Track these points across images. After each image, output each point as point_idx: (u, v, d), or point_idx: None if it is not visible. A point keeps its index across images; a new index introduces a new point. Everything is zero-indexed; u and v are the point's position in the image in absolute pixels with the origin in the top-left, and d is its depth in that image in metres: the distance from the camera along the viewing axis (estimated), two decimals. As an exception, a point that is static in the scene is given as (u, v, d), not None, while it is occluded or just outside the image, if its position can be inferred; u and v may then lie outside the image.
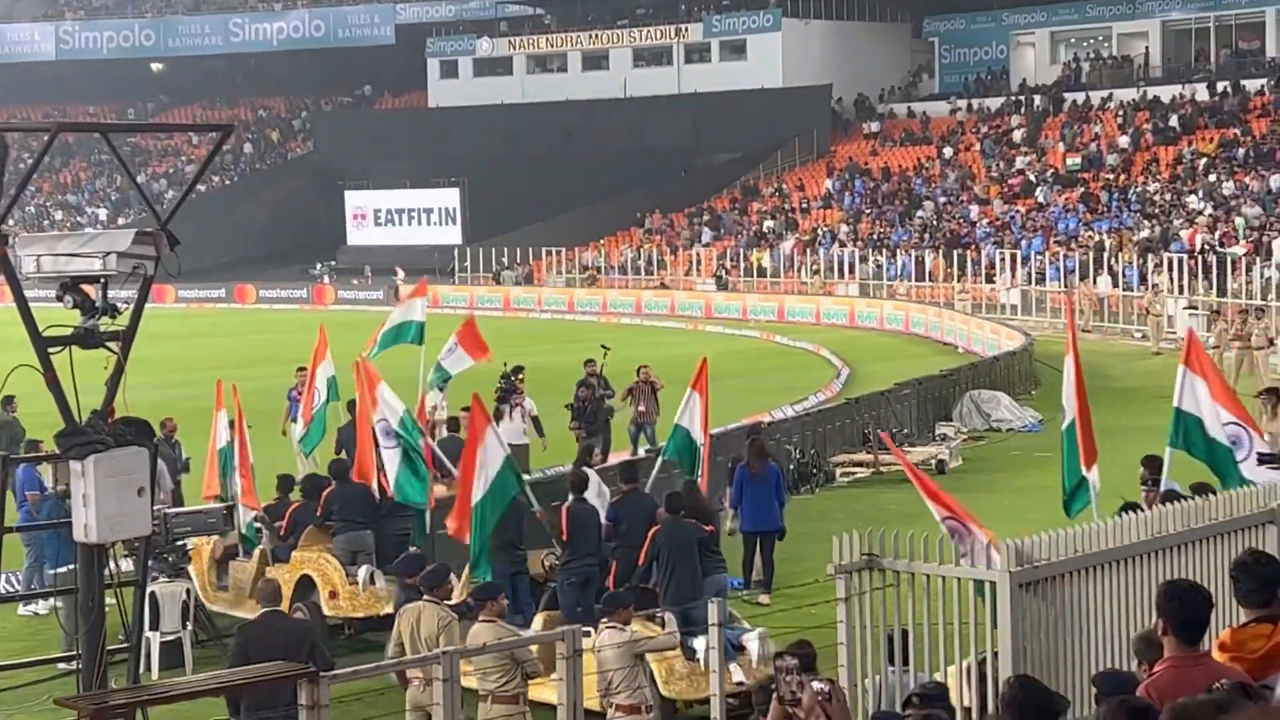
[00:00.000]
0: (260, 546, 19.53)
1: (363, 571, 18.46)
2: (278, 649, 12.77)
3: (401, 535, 19.11)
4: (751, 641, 15.07)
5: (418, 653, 13.24)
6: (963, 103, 79.61)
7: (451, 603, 14.63)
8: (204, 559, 19.87)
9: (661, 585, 15.94)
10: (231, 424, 20.86)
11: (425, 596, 14.23)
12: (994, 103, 78.17)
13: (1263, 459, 15.98)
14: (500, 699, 12.88)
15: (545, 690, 13.96)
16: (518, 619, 15.97)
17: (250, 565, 19.47)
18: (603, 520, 17.33)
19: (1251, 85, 69.58)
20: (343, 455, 21.64)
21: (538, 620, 16.24)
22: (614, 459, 25.01)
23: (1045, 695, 7.57)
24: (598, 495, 17.87)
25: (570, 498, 17.34)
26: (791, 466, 27.68)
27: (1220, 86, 70.18)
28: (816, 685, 6.71)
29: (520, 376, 27.70)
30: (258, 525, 19.39)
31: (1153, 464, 16.74)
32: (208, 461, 21.64)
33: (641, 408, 28.70)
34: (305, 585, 18.61)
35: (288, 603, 17.37)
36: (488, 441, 16.59)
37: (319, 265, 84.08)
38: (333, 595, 18.44)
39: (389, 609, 16.95)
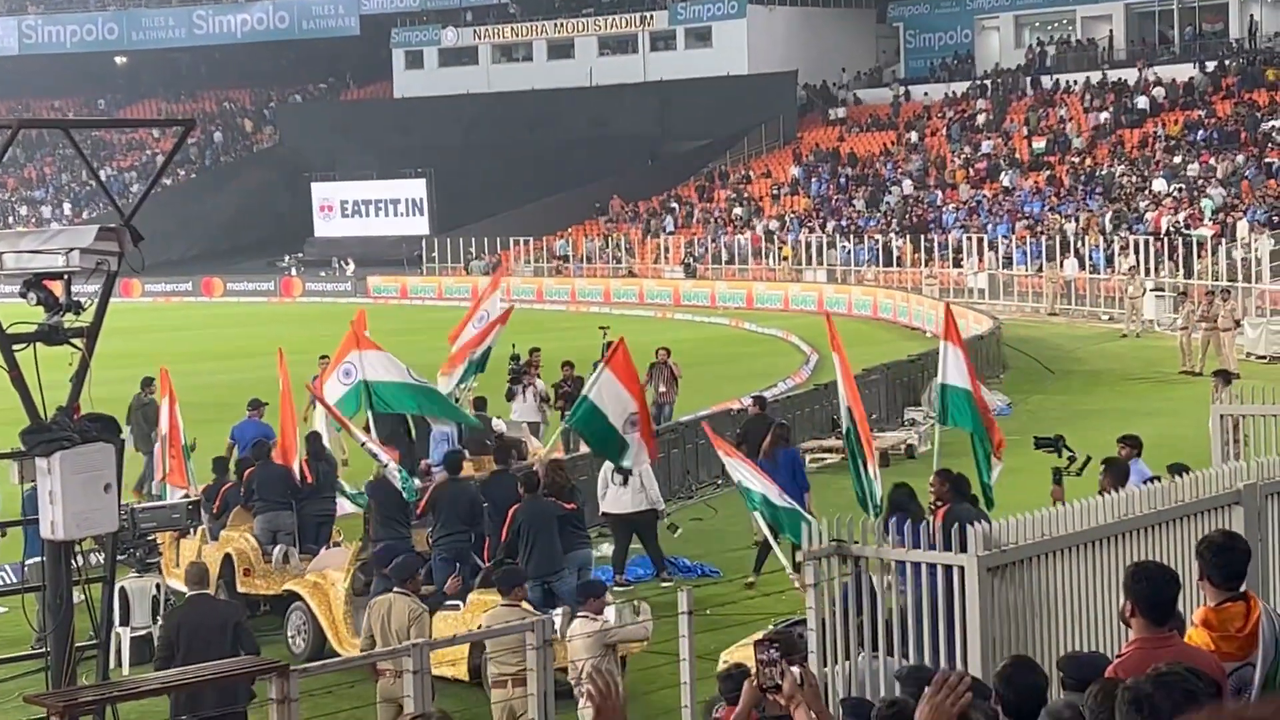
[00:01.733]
0: (201, 526, 19.99)
1: (277, 550, 19.07)
2: (203, 631, 12.95)
3: (322, 516, 19.61)
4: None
5: (388, 645, 13.28)
6: (928, 88, 79.72)
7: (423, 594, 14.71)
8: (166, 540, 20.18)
9: (523, 561, 16.48)
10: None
11: (395, 589, 14.30)
12: (959, 87, 78.29)
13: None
14: (519, 682, 12.92)
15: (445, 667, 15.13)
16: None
17: (194, 544, 19.92)
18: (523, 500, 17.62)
19: (1215, 67, 69.78)
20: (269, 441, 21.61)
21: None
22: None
23: (1037, 675, 7.63)
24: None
25: (445, 476, 18.27)
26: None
27: (1184, 68, 70.39)
28: (793, 671, 6.70)
29: (535, 358, 28.80)
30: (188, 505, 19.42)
31: (1129, 441, 16.94)
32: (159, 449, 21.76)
33: (661, 388, 29.65)
34: (230, 563, 19.22)
35: (215, 580, 17.80)
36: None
37: (286, 258, 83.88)
38: (247, 573, 19.08)
39: (293, 585, 17.85)
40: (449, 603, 16.40)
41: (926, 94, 79.12)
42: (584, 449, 22.98)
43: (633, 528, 20.30)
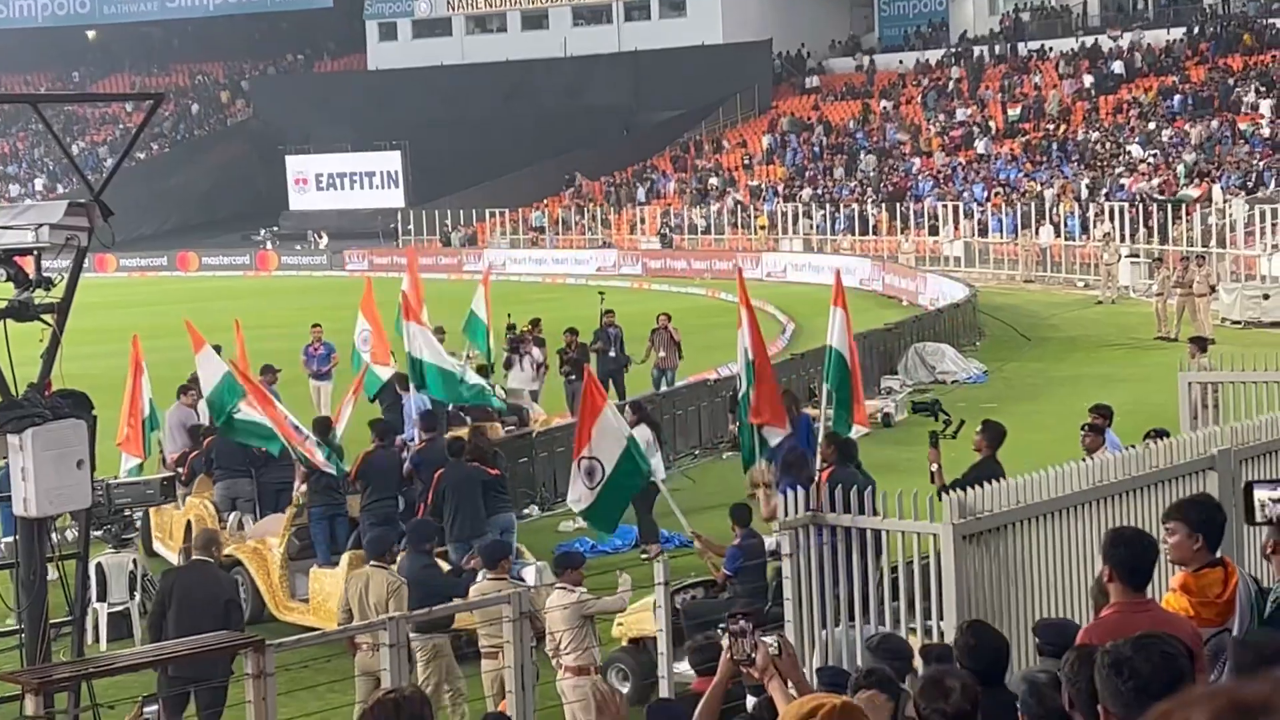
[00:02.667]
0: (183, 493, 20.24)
1: (232, 517, 19.47)
2: (197, 597, 13.04)
3: (280, 484, 19.61)
4: (529, 574, 16.34)
5: (366, 618, 13.31)
6: (903, 56, 79.67)
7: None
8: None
9: (447, 524, 17.15)
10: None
11: (372, 562, 14.33)
12: (934, 55, 78.22)
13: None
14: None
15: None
16: (334, 560, 17.59)
17: (172, 512, 20.30)
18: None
19: (1190, 33, 69.83)
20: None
21: (344, 558, 17.18)
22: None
23: (998, 640, 7.65)
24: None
25: (374, 445, 18.57)
26: (737, 424, 27.74)
27: (1158, 34, 70.43)
28: (769, 641, 6.69)
29: (537, 328, 29.55)
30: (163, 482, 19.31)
31: (1101, 411, 16.97)
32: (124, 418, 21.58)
33: (662, 353, 30.33)
34: (189, 529, 19.42)
35: (180, 545, 18.67)
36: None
37: (261, 231, 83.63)
38: None
39: (233, 550, 18.27)
40: (328, 561, 17.57)
41: (901, 62, 79.05)
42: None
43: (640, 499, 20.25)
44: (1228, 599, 7.57)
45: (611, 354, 30.07)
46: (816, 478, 14.22)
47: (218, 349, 20.88)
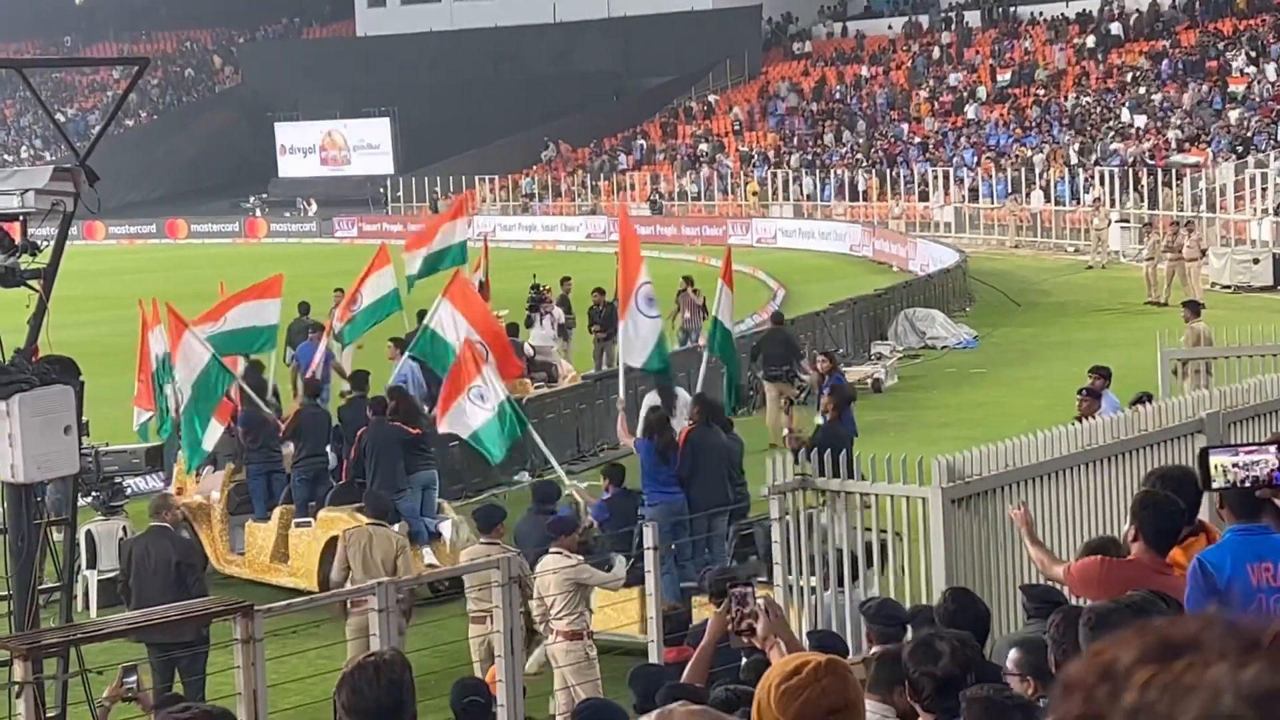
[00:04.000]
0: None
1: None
2: (150, 563, 13.17)
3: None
4: (446, 528, 17.46)
5: (370, 576, 13.50)
6: (892, 20, 79.49)
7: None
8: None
9: (369, 480, 17.66)
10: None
11: (369, 521, 14.71)
12: (924, 20, 78.05)
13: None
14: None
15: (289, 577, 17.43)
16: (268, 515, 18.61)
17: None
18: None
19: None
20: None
21: (275, 513, 18.45)
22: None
23: (978, 607, 7.65)
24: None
25: (304, 401, 19.71)
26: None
27: (1148, -1, 70.34)
28: (756, 601, 6.67)
29: (565, 286, 31.12)
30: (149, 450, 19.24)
31: (1101, 372, 17.04)
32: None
33: (687, 315, 31.43)
34: None
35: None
36: None
37: (250, 199, 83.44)
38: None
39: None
40: (300, 520, 18.28)
41: (890, 27, 78.88)
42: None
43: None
44: None
45: None
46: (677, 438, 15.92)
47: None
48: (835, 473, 11.30)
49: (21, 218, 9.85)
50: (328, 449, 19.22)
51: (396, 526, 16.10)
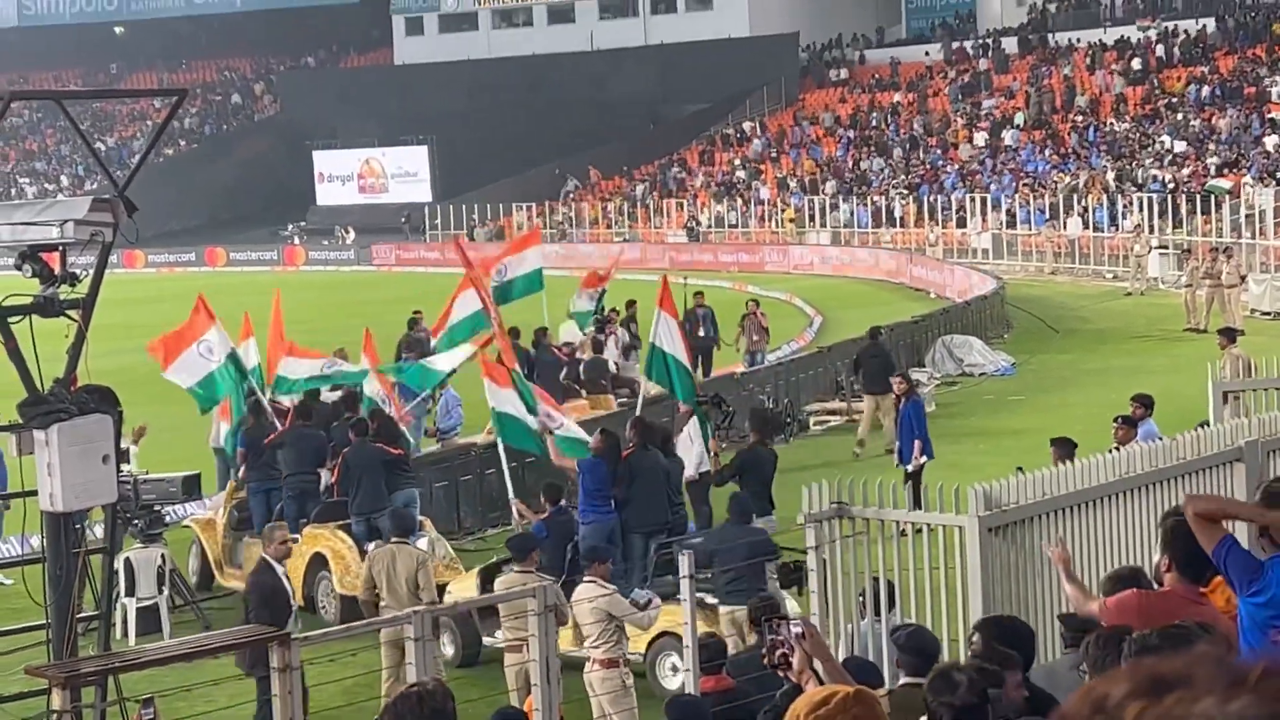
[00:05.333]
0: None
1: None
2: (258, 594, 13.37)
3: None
4: (423, 544, 17.53)
5: (395, 594, 14.13)
6: (930, 47, 79.47)
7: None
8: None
9: (350, 498, 18.47)
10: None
11: (394, 539, 15.00)
12: (962, 46, 77.99)
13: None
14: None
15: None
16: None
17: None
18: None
19: (1218, 23, 69.52)
20: None
21: (268, 529, 18.09)
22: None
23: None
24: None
25: (297, 423, 19.91)
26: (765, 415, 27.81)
27: (1187, 24, 70.14)
28: (793, 623, 6.65)
29: (632, 310, 31.96)
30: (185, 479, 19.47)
31: (1142, 401, 16.99)
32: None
33: (754, 337, 32.82)
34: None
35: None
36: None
37: (289, 226, 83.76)
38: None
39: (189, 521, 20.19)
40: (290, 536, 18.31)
41: (928, 54, 78.86)
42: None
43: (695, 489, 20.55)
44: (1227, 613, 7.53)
45: (701, 333, 31.98)
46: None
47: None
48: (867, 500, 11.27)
49: (61, 248, 9.91)
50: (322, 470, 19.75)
51: (371, 547, 16.91)
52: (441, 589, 16.07)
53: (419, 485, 19.82)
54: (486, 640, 15.66)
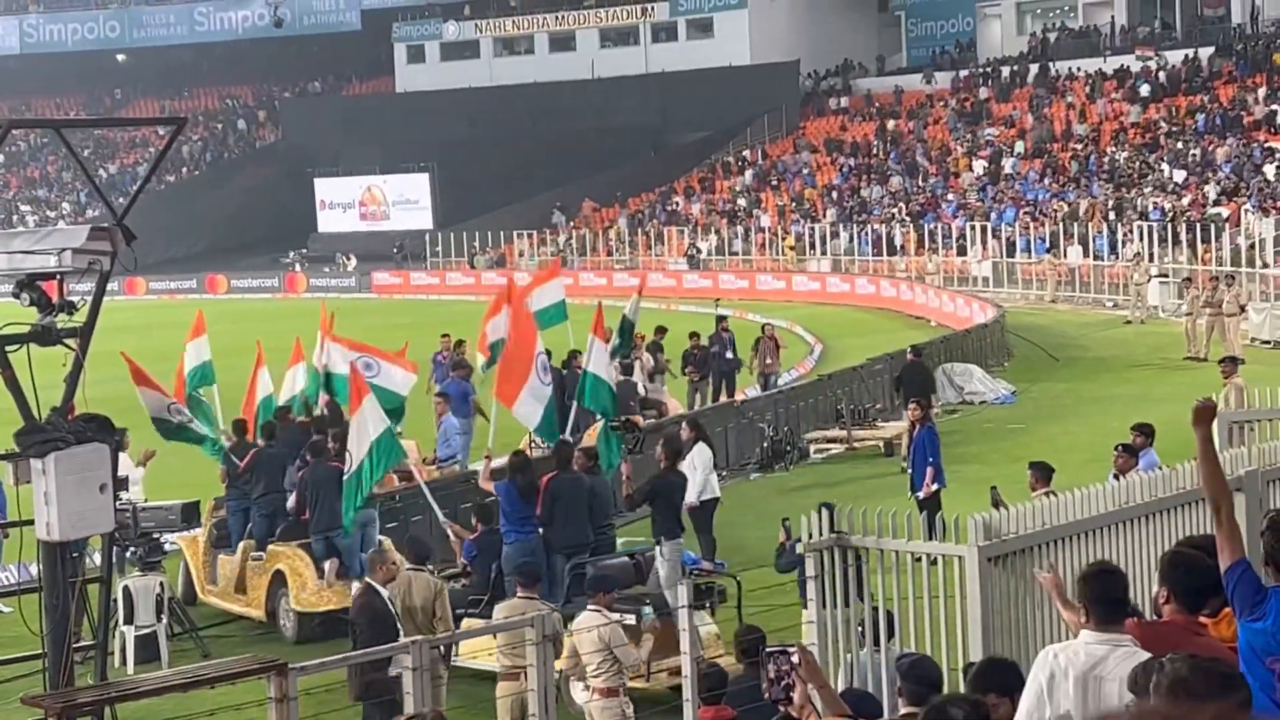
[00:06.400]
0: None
1: (329, 566, 19.71)
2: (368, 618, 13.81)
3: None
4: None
5: (413, 620, 14.09)
6: (931, 75, 79.58)
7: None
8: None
9: (311, 518, 19.08)
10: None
11: (409, 566, 14.81)
12: (962, 75, 78.13)
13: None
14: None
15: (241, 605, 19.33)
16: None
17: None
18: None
19: (1217, 52, 69.64)
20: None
21: (240, 547, 19.84)
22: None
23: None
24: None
25: (263, 443, 20.88)
26: (765, 444, 27.83)
27: (1186, 54, 70.25)
28: (789, 649, 6.62)
29: (659, 334, 32.74)
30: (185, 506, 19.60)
31: (1142, 430, 16.96)
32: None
33: (768, 360, 33.53)
34: None
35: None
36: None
37: (290, 254, 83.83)
38: None
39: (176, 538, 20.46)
40: (256, 554, 19.69)
41: (929, 82, 79.00)
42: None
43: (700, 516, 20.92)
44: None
45: (728, 355, 33.12)
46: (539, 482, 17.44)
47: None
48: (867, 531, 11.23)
49: (59, 276, 9.91)
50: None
51: (327, 565, 18.60)
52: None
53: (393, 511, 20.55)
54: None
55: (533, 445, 23.41)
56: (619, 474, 20.40)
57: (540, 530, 17.43)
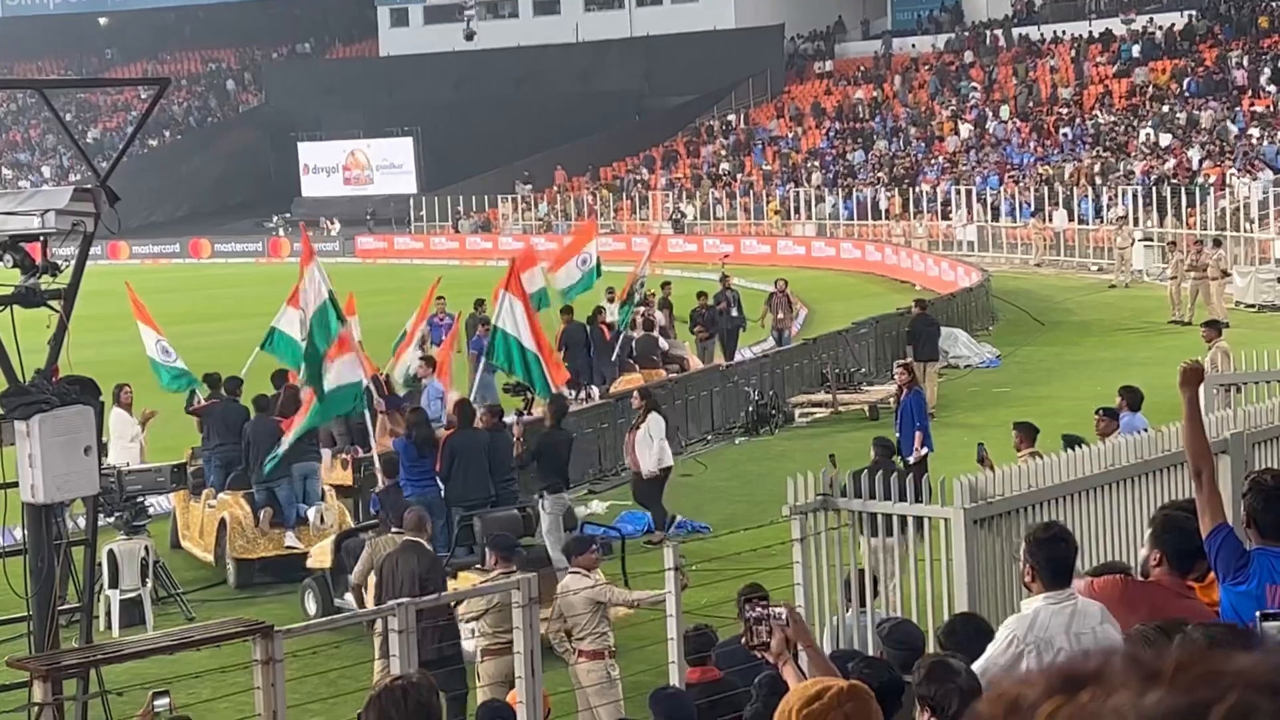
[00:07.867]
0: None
1: (263, 515, 20.49)
2: (400, 576, 13.97)
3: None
4: (311, 513, 19.76)
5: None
6: (915, 40, 79.48)
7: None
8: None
9: (249, 469, 20.00)
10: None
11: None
12: (946, 39, 78.02)
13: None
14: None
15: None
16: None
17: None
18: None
19: (1203, 15, 69.58)
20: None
21: (203, 494, 20.79)
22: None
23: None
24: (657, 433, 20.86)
25: (224, 397, 21.53)
26: (750, 408, 27.84)
27: (1171, 17, 70.18)
28: (776, 611, 6.61)
29: (667, 291, 34.08)
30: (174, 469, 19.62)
31: (1126, 394, 16.97)
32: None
33: (779, 315, 34.50)
34: None
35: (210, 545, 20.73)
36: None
37: (274, 218, 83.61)
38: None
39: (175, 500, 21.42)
40: (211, 502, 20.54)
41: (914, 46, 78.87)
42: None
43: (651, 487, 20.98)
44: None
45: (734, 313, 33.98)
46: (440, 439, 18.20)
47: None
48: (858, 493, 11.23)
49: (42, 238, 9.86)
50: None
51: (262, 514, 19.69)
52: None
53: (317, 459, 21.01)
54: (337, 601, 17.14)
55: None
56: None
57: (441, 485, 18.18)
